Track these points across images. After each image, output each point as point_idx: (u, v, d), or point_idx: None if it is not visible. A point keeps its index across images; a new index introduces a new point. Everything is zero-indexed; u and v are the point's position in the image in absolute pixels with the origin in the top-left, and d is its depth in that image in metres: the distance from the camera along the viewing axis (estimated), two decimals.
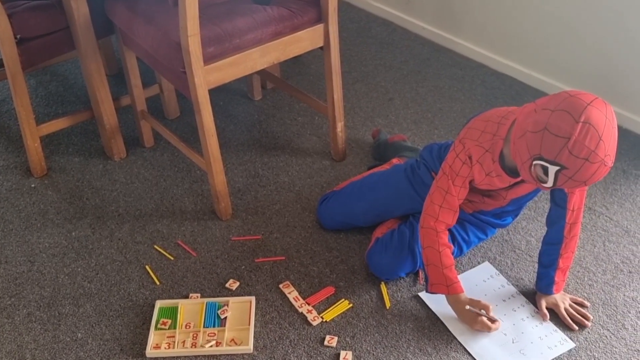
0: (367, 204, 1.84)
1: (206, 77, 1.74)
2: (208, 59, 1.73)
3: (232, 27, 1.78)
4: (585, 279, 1.77)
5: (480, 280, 1.77)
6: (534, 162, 1.36)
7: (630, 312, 1.68)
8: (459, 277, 1.68)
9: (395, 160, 2.01)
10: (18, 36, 1.92)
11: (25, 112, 2.04)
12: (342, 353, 1.59)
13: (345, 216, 1.88)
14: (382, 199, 1.83)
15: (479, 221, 1.79)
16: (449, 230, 1.70)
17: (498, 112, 1.56)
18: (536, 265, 1.79)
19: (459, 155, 1.56)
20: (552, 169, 1.34)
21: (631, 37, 2.18)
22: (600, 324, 1.65)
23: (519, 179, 1.57)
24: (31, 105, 2.06)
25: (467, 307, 1.60)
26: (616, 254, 1.84)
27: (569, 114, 1.30)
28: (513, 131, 1.43)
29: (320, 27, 1.94)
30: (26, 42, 1.96)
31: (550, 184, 1.37)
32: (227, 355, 1.60)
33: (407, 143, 2.16)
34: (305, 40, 1.93)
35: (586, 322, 1.64)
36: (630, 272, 1.79)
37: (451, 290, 1.61)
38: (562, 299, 1.67)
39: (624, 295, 1.72)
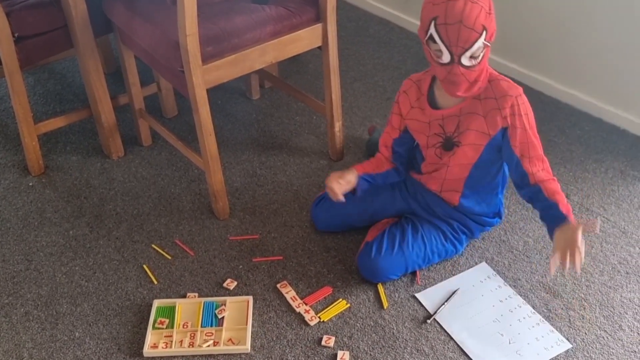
0: (362, 205, 1.85)
1: (204, 76, 1.74)
2: (206, 58, 1.73)
3: (231, 26, 1.78)
4: (583, 279, 1.77)
5: (477, 280, 1.77)
6: (425, 41, 1.51)
7: (627, 313, 1.68)
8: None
9: None
10: (16, 34, 1.92)
11: (23, 111, 2.04)
12: (340, 353, 1.59)
13: (341, 216, 1.88)
14: (376, 200, 1.85)
15: (462, 215, 1.79)
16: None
17: None
18: (533, 266, 1.80)
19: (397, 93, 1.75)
20: (432, 29, 1.46)
21: (629, 38, 2.19)
22: (597, 325, 1.65)
23: (441, 114, 1.65)
24: (29, 103, 2.06)
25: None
26: (613, 255, 1.84)
27: None
28: None
29: (318, 27, 1.94)
30: (24, 40, 1.95)
31: (440, 45, 1.47)
32: (225, 354, 1.60)
33: None
34: (303, 39, 1.93)
35: (576, 266, 1.46)
36: (627, 273, 1.79)
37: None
38: (581, 241, 1.47)
39: (621, 296, 1.72)
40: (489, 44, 1.50)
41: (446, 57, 1.49)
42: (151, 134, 2.29)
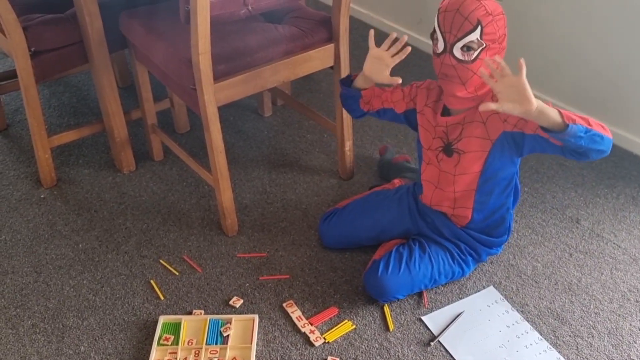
0: (371, 221, 1.86)
1: (216, 94, 1.75)
2: (218, 77, 1.75)
3: (243, 45, 1.80)
4: (592, 307, 1.75)
5: (485, 305, 1.76)
6: (431, 37, 1.58)
7: (636, 342, 1.66)
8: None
9: (397, 181, 2.03)
10: (32, 49, 1.95)
11: (37, 124, 2.06)
12: None
13: (349, 233, 1.88)
14: (385, 217, 1.85)
15: (469, 237, 1.79)
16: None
17: None
18: (542, 291, 1.79)
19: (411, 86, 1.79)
20: (435, 20, 1.54)
21: (639, 60, 2.18)
22: (605, 354, 1.63)
23: (445, 121, 1.66)
24: (43, 115, 2.08)
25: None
26: (623, 282, 1.82)
27: None
28: None
29: (330, 47, 1.95)
30: (40, 55, 1.98)
31: (437, 32, 1.53)
32: None
33: (410, 164, 2.17)
34: (315, 59, 1.94)
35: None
36: (637, 301, 1.77)
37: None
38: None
39: (630, 324, 1.70)
40: (484, 44, 1.50)
41: (440, 45, 1.54)
42: (163, 149, 2.31)
